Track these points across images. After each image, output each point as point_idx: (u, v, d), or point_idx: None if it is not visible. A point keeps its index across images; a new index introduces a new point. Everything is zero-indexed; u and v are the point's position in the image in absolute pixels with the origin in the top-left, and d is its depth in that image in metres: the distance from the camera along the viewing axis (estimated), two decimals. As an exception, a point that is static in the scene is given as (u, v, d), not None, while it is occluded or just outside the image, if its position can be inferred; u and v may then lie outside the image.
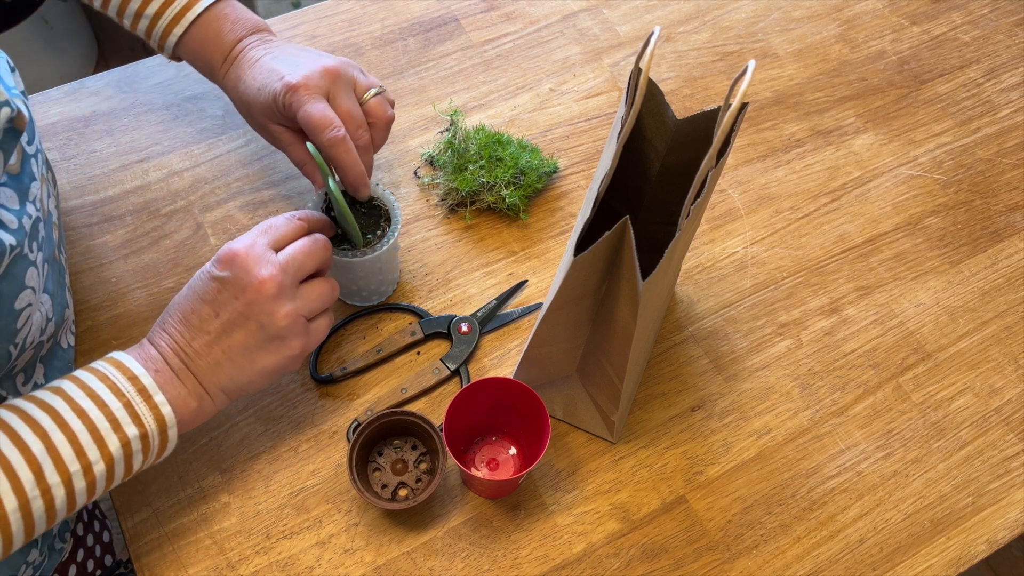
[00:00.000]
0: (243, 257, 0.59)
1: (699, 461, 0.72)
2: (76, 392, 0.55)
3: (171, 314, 0.61)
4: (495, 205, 0.82)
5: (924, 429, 0.75)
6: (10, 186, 0.58)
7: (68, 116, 0.87)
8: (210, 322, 0.60)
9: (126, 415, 0.55)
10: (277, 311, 0.60)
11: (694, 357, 0.77)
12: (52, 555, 0.72)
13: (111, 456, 0.55)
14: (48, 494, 0.53)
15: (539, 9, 0.98)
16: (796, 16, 1.00)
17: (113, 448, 0.55)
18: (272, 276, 0.59)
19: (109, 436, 0.55)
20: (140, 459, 0.57)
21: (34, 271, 0.59)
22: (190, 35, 0.72)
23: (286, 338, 0.61)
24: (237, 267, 0.59)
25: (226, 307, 0.60)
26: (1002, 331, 0.80)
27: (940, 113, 0.94)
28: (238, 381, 0.61)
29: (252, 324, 0.60)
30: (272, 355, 0.61)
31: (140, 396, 0.56)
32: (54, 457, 0.53)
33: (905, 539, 0.70)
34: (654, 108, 0.63)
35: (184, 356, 0.60)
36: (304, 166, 0.73)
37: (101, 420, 0.55)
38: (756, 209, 0.86)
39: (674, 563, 0.68)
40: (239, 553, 0.67)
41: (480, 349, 0.76)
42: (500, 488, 0.68)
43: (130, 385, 0.56)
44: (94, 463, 0.54)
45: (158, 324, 0.62)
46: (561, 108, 0.91)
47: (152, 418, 0.57)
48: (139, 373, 0.57)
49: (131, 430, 0.56)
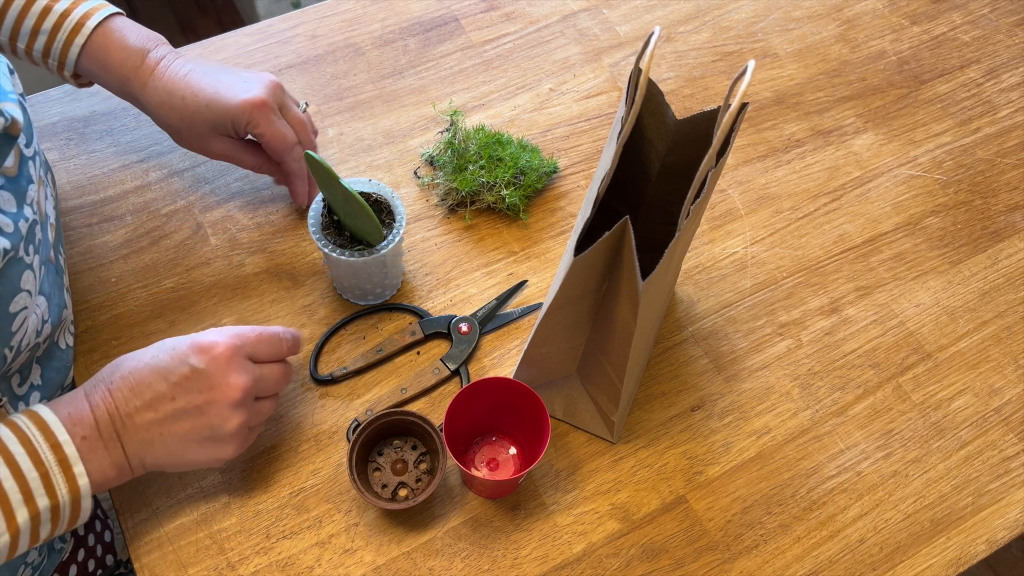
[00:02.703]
0: (222, 356, 0.59)
1: (699, 461, 0.72)
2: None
3: (122, 375, 0.59)
4: (495, 205, 0.82)
5: (924, 429, 0.75)
6: (7, 189, 0.58)
7: (68, 116, 0.87)
8: (162, 402, 0.59)
9: (40, 486, 0.54)
10: (232, 418, 0.60)
11: (694, 357, 0.77)
12: (52, 555, 0.72)
13: (17, 528, 0.54)
14: None
15: (539, 9, 0.98)
16: (796, 16, 1.00)
17: (21, 520, 0.53)
18: (243, 387, 0.60)
19: (20, 508, 0.53)
20: (48, 529, 0.56)
21: (30, 274, 0.59)
22: (93, 43, 0.69)
23: (226, 443, 0.61)
24: (215, 364, 0.59)
25: (186, 395, 0.59)
26: (1002, 331, 0.80)
27: (940, 113, 0.94)
28: (162, 462, 0.61)
29: (202, 420, 0.59)
30: (205, 453, 0.61)
31: (59, 467, 0.55)
32: None
33: (905, 539, 0.70)
34: (654, 108, 0.63)
35: (119, 424, 0.58)
36: (259, 170, 0.76)
37: (14, 491, 0.53)
38: (756, 209, 0.86)
39: (674, 563, 0.68)
40: (239, 553, 0.67)
41: (480, 349, 0.76)
42: (500, 488, 0.68)
43: (51, 454, 0.54)
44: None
45: (103, 379, 0.60)
46: (561, 108, 0.91)
47: (67, 490, 0.55)
48: (63, 440, 0.55)
49: (43, 501, 0.54)
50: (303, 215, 0.82)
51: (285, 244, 0.81)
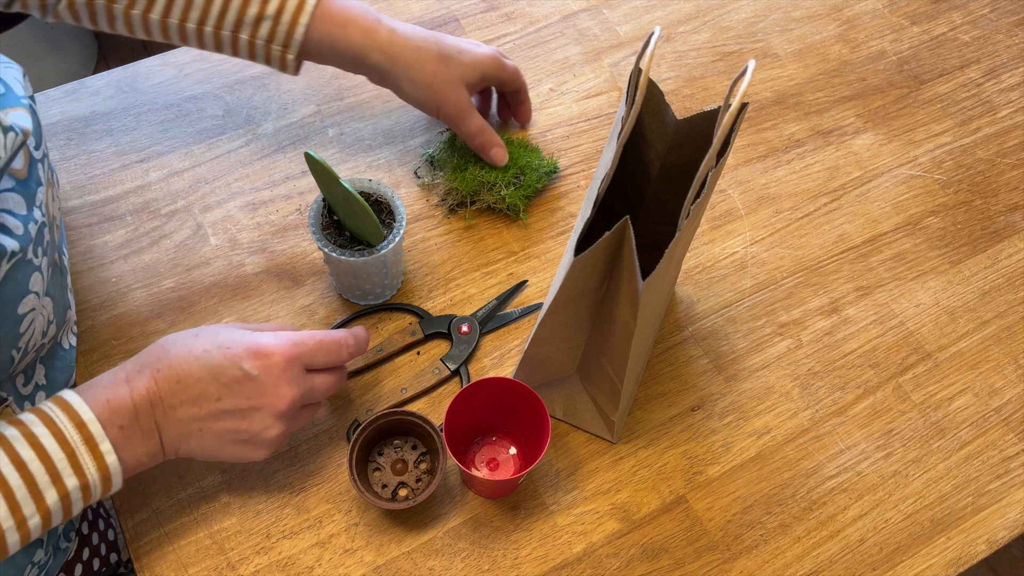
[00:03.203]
0: (278, 365, 0.59)
1: (699, 461, 0.72)
2: (18, 440, 0.53)
3: (169, 364, 0.58)
4: (495, 205, 0.82)
5: (924, 429, 0.75)
6: (17, 191, 0.58)
7: (68, 116, 0.87)
8: (208, 400, 0.58)
9: (68, 466, 0.53)
10: (274, 427, 0.60)
11: (694, 357, 0.77)
12: (57, 554, 0.72)
13: (48, 509, 0.53)
14: None
15: (539, 9, 0.98)
16: (796, 16, 1.00)
17: (51, 501, 0.53)
18: (292, 400, 0.59)
19: (47, 490, 0.53)
20: (80, 506, 0.56)
21: (38, 276, 0.59)
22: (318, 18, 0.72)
23: (261, 447, 0.61)
24: (268, 373, 0.58)
25: (233, 398, 0.58)
26: (1002, 331, 0.80)
27: (940, 113, 0.94)
28: (194, 454, 0.60)
29: (244, 424, 0.59)
30: (238, 452, 0.61)
31: (86, 446, 0.54)
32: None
33: (905, 539, 0.70)
34: (654, 108, 0.63)
35: (160, 415, 0.58)
36: (484, 133, 0.79)
37: (41, 473, 0.52)
38: (756, 209, 0.86)
39: (674, 563, 0.68)
40: (239, 553, 0.67)
41: (480, 349, 0.76)
42: (500, 488, 0.68)
43: (77, 433, 0.54)
44: (29, 518, 0.53)
45: (148, 364, 0.58)
46: (561, 108, 0.91)
47: (95, 468, 0.54)
48: (87, 419, 0.54)
49: (71, 482, 0.54)
50: (303, 215, 0.82)
51: (285, 244, 0.81)
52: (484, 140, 0.79)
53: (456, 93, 0.77)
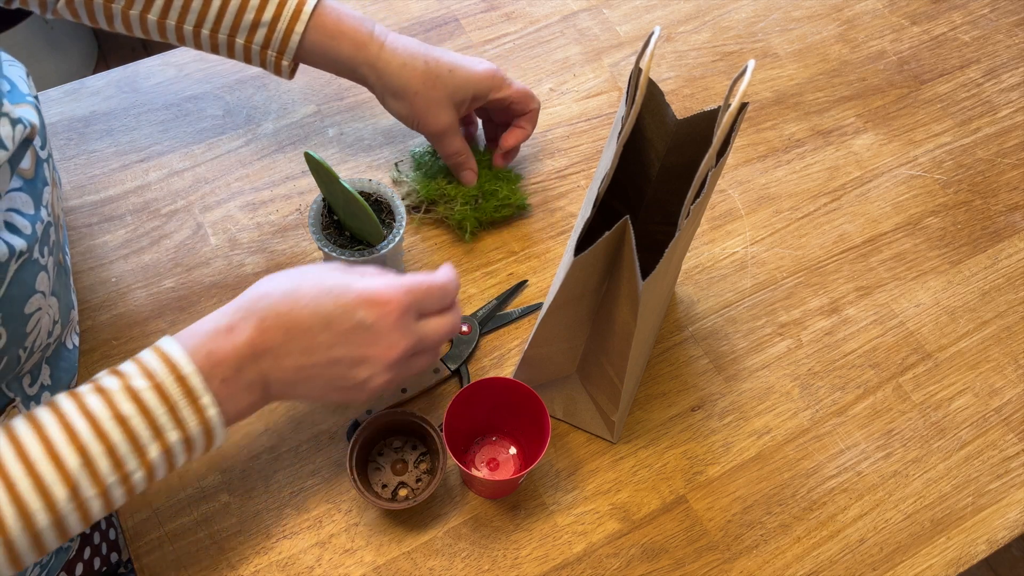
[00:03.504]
0: (392, 314, 0.56)
1: (699, 461, 0.72)
2: (119, 395, 0.51)
3: (277, 312, 0.55)
4: (446, 218, 0.81)
5: (924, 429, 0.75)
6: (25, 191, 0.58)
7: (68, 116, 0.87)
8: (318, 350, 0.55)
9: (169, 420, 0.52)
10: (382, 376, 0.58)
11: (694, 357, 0.77)
12: (60, 553, 0.72)
13: (151, 464, 0.52)
14: (83, 507, 0.50)
15: (539, 9, 0.98)
16: (796, 16, 1.00)
17: (154, 456, 0.52)
18: (404, 350, 0.57)
19: (150, 444, 0.51)
20: (183, 459, 0.54)
21: (44, 275, 0.59)
22: (314, 25, 0.72)
23: (364, 394, 0.59)
24: (382, 321, 0.56)
25: (344, 347, 0.56)
26: (1002, 331, 0.80)
27: (940, 113, 0.94)
28: (298, 399, 0.59)
29: (352, 372, 0.57)
30: (340, 397, 0.59)
31: (186, 399, 0.52)
32: (90, 472, 0.50)
33: (905, 539, 0.70)
34: (654, 108, 0.63)
35: (268, 365, 0.55)
36: (460, 156, 0.78)
37: (143, 428, 0.51)
38: (756, 209, 0.86)
39: (674, 563, 0.68)
40: (239, 553, 0.67)
41: (480, 349, 0.76)
42: (500, 488, 0.68)
43: (176, 386, 0.52)
44: (132, 472, 0.51)
45: (254, 312, 0.55)
46: (561, 108, 0.91)
47: (196, 422, 0.53)
48: (187, 372, 0.52)
49: (173, 436, 0.52)
50: (303, 215, 0.82)
51: (285, 244, 0.81)
52: (458, 162, 0.79)
53: (437, 113, 0.75)
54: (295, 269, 0.58)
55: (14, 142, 0.52)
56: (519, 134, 0.81)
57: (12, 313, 0.55)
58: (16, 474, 0.48)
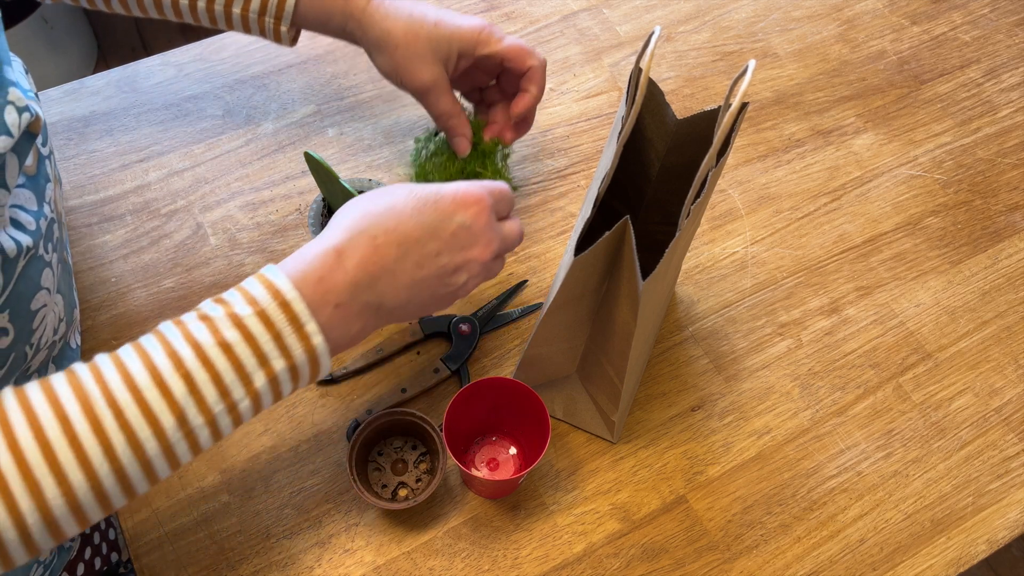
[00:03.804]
0: (485, 212, 0.56)
1: (699, 461, 0.72)
2: (223, 322, 0.50)
3: (386, 229, 0.54)
4: None
5: (924, 429, 0.75)
6: (28, 187, 0.58)
7: (68, 116, 0.87)
8: (429, 260, 0.55)
9: (275, 348, 0.50)
10: (478, 277, 0.58)
11: (694, 357, 0.77)
12: (61, 553, 0.72)
13: (257, 392, 0.51)
14: (191, 436, 0.49)
15: (539, 9, 0.98)
16: (796, 16, 1.00)
17: (259, 384, 0.51)
18: (496, 249, 0.57)
19: (256, 373, 0.50)
20: (289, 387, 0.53)
21: (49, 272, 0.59)
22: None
23: (456, 298, 0.59)
24: (477, 220, 0.56)
25: (450, 253, 0.55)
26: (1002, 331, 0.80)
27: (940, 113, 0.94)
28: (398, 319, 0.57)
29: (454, 277, 0.56)
30: (436, 307, 0.58)
31: (291, 326, 0.50)
32: (197, 399, 0.48)
33: (905, 539, 0.70)
34: (654, 108, 0.63)
35: (385, 285, 0.54)
36: (451, 119, 0.73)
37: (248, 356, 0.50)
38: (756, 209, 0.86)
39: (674, 563, 0.68)
40: (239, 553, 0.67)
41: (480, 349, 0.76)
42: (500, 488, 0.68)
43: (280, 313, 0.50)
44: (239, 401, 0.50)
45: (363, 231, 0.53)
46: (561, 108, 0.91)
47: (302, 349, 0.51)
48: (291, 298, 0.50)
49: (278, 364, 0.51)
50: (303, 215, 0.82)
51: (285, 244, 0.81)
52: (448, 125, 0.74)
53: (419, 67, 0.71)
54: (374, 191, 0.57)
55: (19, 130, 0.52)
56: (525, 99, 0.74)
57: (19, 310, 0.56)
58: (124, 400, 0.47)
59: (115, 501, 0.48)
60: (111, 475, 0.47)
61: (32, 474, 0.45)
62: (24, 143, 0.55)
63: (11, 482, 0.45)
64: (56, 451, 0.45)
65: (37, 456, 0.45)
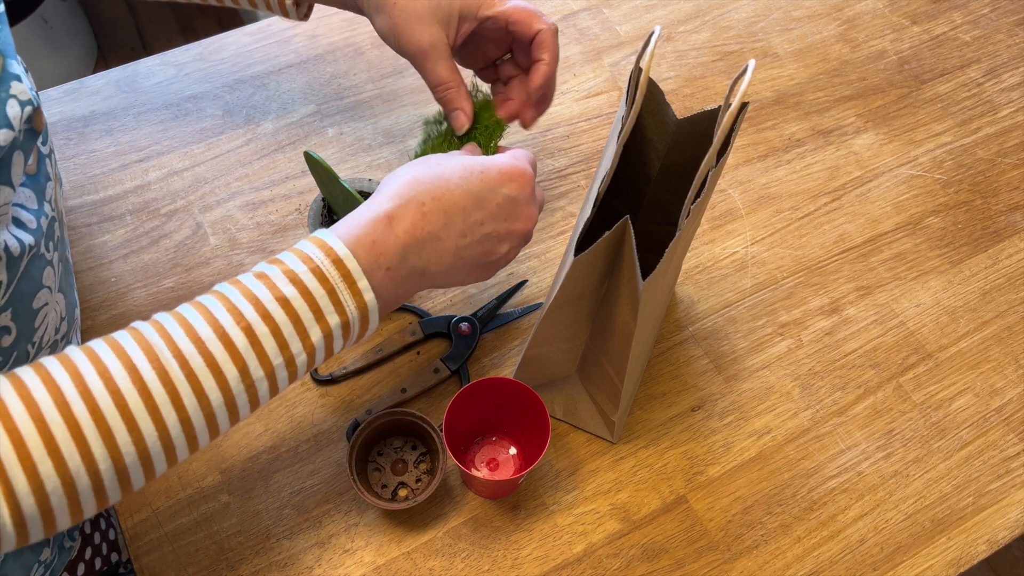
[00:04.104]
0: (529, 185, 0.58)
1: (699, 461, 0.72)
2: (279, 278, 0.52)
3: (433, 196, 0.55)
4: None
5: (924, 429, 0.75)
6: (28, 186, 0.58)
7: (68, 116, 0.87)
8: (474, 228, 0.57)
9: (329, 303, 0.52)
10: (519, 247, 0.60)
11: (694, 357, 0.77)
12: (62, 553, 0.72)
13: (313, 347, 0.53)
14: (252, 389, 0.51)
15: (539, 9, 0.98)
16: (796, 16, 1.00)
17: (315, 339, 0.52)
18: (534, 220, 0.60)
19: (312, 327, 0.52)
20: (340, 344, 0.55)
21: (50, 270, 0.59)
22: None
23: (499, 267, 0.61)
24: (522, 192, 0.58)
25: (494, 222, 0.57)
26: (1003, 331, 0.80)
27: (940, 113, 0.94)
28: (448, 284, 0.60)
29: (498, 246, 0.58)
30: (478, 276, 0.60)
31: (344, 282, 0.53)
32: (258, 352, 0.50)
33: (906, 539, 0.70)
34: (654, 108, 0.63)
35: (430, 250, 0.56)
36: (448, 89, 0.68)
37: (304, 310, 0.51)
38: (756, 209, 0.86)
39: (674, 563, 0.68)
40: (239, 553, 0.67)
41: (480, 349, 0.76)
42: (500, 488, 0.68)
43: (335, 270, 0.52)
44: (296, 355, 0.52)
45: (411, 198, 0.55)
46: (561, 108, 0.91)
47: (355, 305, 0.53)
48: (343, 255, 0.53)
49: (333, 319, 0.52)
50: (303, 215, 0.82)
51: (285, 244, 0.80)
52: (446, 96, 0.69)
53: (418, 28, 0.67)
54: (424, 158, 0.59)
55: (21, 122, 0.52)
56: (540, 69, 0.69)
57: (21, 308, 0.56)
58: (189, 351, 0.49)
59: (179, 453, 0.50)
60: (177, 425, 0.48)
61: (106, 422, 0.46)
62: (28, 141, 0.55)
63: (85, 429, 0.46)
64: (127, 400, 0.47)
65: (109, 404, 0.46)
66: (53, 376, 0.46)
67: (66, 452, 0.45)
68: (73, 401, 0.46)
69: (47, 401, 0.45)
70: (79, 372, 0.47)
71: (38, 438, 0.45)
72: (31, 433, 0.45)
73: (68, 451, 0.45)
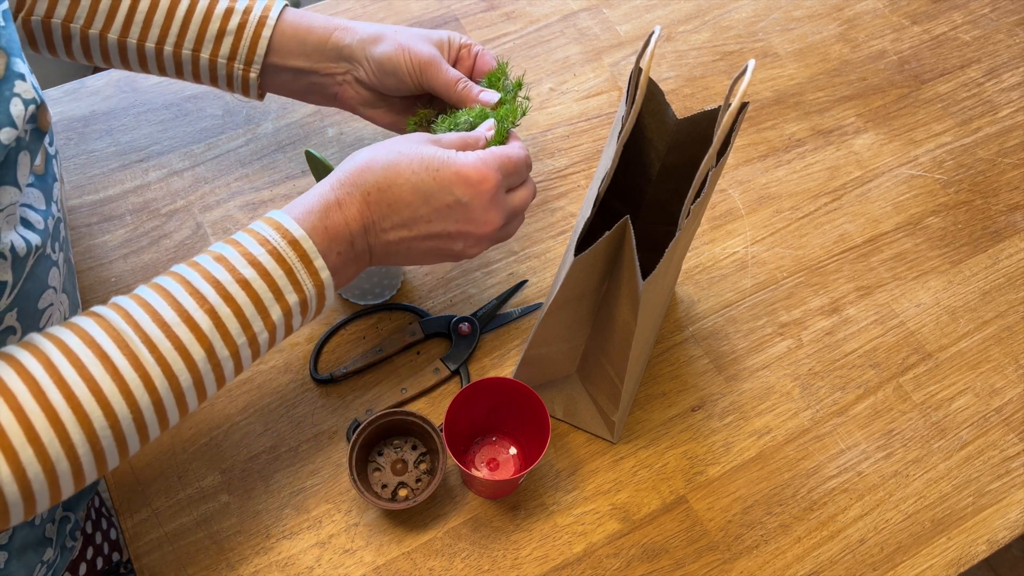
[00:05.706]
0: (488, 192, 0.59)
1: (699, 461, 0.72)
2: (238, 260, 0.54)
3: (379, 187, 0.58)
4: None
5: (924, 429, 0.75)
6: (36, 187, 0.58)
7: (68, 116, 0.87)
8: (418, 223, 0.59)
9: (288, 283, 0.55)
10: (476, 247, 0.62)
11: (694, 357, 0.77)
12: (64, 553, 0.72)
13: (274, 325, 0.56)
14: (219, 368, 0.54)
15: (539, 9, 0.98)
16: (796, 16, 1.00)
17: (276, 317, 0.55)
18: (497, 225, 0.61)
19: (272, 306, 0.55)
20: (299, 320, 0.58)
21: (56, 271, 0.60)
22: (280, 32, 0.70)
23: (459, 259, 0.63)
24: (478, 199, 0.59)
25: (442, 222, 0.59)
26: (1003, 331, 0.80)
27: (941, 113, 0.93)
28: (397, 264, 0.63)
29: (448, 244, 0.61)
30: (435, 260, 0.63)
31: (301, 262, 0.56)
32: (222, 333, 0.53)
33: (906, 539, 0.70)
34: (654, 108, 0.63)
35: (372, 237, 0.59)
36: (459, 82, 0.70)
37: (264, 291, 0.54)
38: (756, 209, 0.86)
39: (674, 563, 0.68)
40: (239, 553, 0.67)
41: (480, 349, 0.76)
42: (500, 488, 0.68)
43: (291, 251, 0.55)
44: (258, 334, 0.55)
45: (357, 185, 0.58)
46: (561, 108, 0.91)
47: (312, 284, 0.56)
48: (299, 236, 0.55)
49: (292, 298, 0.55)
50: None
51: (285, 244, 0.80)
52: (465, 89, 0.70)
53: (422, 44, 0.70)
54: (389, 140, 0.61)
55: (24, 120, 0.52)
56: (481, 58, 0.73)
57: (27, 308, 0.56)
58: (157, 336, 0.51)
59: (151, 432, 0.53)
60: (150, 407, 0.51)
61: (82, 408, 0.49)
62: (35, 141, 0.55)
63: (63, 415, 0.48)
64: (100, 384, 0.49)
65: (85, 391, 0.49)
66: (27, 367, 0.48)
67: (45, 439, 0.47)
68: (48, 389, 0.48)
69: (23, 392, 0.47)
70: (51, 362, 0.49)
71: (17, 427, 0.47)
72: (10, 422, 0.47)
73: (47, 438, 0.47)
